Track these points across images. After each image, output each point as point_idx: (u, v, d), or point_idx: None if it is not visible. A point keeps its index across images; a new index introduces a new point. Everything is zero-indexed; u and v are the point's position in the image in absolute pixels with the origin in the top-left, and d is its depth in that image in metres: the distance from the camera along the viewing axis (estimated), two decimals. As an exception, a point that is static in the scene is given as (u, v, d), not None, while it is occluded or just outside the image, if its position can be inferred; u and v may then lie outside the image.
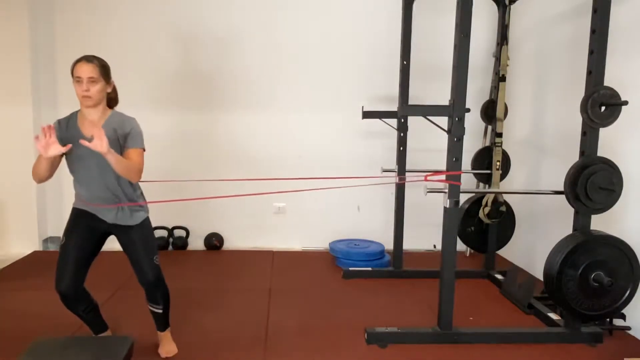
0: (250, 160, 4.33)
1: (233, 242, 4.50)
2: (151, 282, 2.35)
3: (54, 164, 2.16)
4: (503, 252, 4.09)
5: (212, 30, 4.27)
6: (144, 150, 2.28)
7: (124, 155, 2.19)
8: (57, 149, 2.04)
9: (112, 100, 2.35)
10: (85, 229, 2.30)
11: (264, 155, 4.36)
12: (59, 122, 2.31)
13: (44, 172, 2.14)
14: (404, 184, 3.67)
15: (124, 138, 2.22)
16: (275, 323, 2.87)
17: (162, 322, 2.50)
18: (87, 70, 2.18)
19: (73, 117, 2.32)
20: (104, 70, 2.24)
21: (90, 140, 1.98)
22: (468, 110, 2.54)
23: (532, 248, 3.86)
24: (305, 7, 4.27)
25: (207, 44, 4.28)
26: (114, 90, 2.35)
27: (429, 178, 2.61)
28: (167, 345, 2.49)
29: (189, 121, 4.35)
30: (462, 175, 2.59)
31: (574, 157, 2.59)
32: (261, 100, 4.35)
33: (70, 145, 2.06)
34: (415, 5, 3.53)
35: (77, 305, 2.35)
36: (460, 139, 2.53)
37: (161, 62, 4.29)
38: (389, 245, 3.92)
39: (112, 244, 4.77)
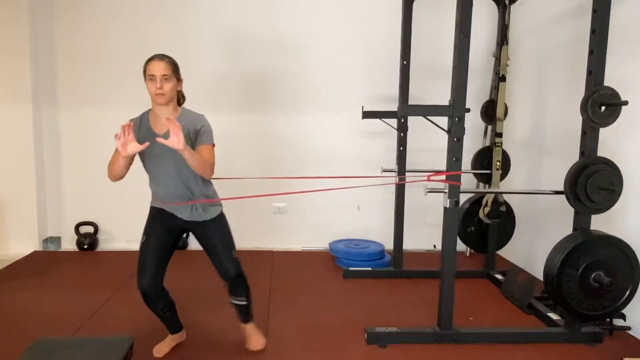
0: (250, 160, 4.33)
1: (233, 242, 4.50)
2: (233, 277, 2.37)
3: (129, 162, 2.18)
4: (503, 252, 4.09)
5: (210, 30, 4.27)
6: (214, 146, 2.31)
7: (195, 151, 2.21)
8: (135, 147, 2.05)
9: (180, 98, 2.37)
10: (163, 227, 2.36)
11: (265, 155, 4.36)
12: (131, 121, 2.30)
13: (121, 171, 2.18)
14: (404, 184, 3.67)
15: (195, 135, 2.24)
16: (275, 323, 2.87)
17: (246, 314, 2.51)
18: (161, 68, 2.20)
19: (145, 116, 2.34)
20: (175, 68, 2.27)
21: (166, 137, 2.01)
22: (468, 110, 2.54)
23: (532, 248, 3.86)
24: (304, 8, 4.27)
25: (207, 44, 4.28)
26: (182, 88, 2.38)
27: (431, 178, 2.61)
28: (256, 337, 2.52)
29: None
30: (462, 175, 2.59)
31: (574, 157, 2.59)
32: (262, 100, 4.35)
33: (148, 143, 2.07)
34: (415, 5, 3.53)
35: (157, 303, 2.40)
36: (460, 139, 2.53)
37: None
38: (389, 245, 3.92)
39: (112, 243, 4.78)
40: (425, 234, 4.42)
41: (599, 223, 2.67)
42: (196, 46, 4.30)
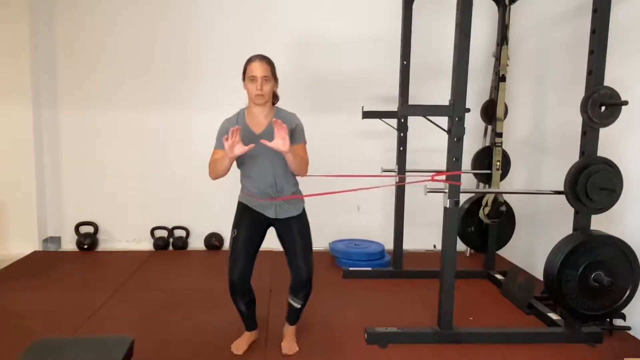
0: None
1: (233, 242, 4.50)
2: (304, 280, 2.42)
3: (232, 161, 2.23)
4: (503, 252, 4.09)
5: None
6: (306, 144, 2.38)
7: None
8: (241, 148, 2.11)
9: (275, 98, 2.41)
10: (251, 222, 2.42)
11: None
12: (228, 120, 2.36)
13: (225, 170, 2.24)
14: (402, 181, 3.67)
15: (290, 134, 2.26)
16: (275, 323, 2.87)
17: (295, 317, 2.57)
18: (262, 69, 2.24)
19: (240, 116, 2.37)
20: (274, 69, 2.31)
21: (263, 138, 2.09)
22: (468, 110, 2.54)
23: (532, 248, 3.86)
24: (304, 7, 4.27)
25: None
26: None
27: (435, 178, 2.61)
28: (290, 342, 2.56)
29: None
30: (462, 175, 2.59)
31: (574, 157, 2.59)
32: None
33: (253, 145, 2.14)
34: (415, 5, 3.53)
35: (243, 297, 2.45)
36: (460, 139, 2.53)
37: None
38: (389, 245, 3.92)
39: (112, 243, 4.77)
40: (425, 234, 4.42)
41: (599, 223, 2.67)
42: (196, 46, 4.30)
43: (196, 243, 4.47)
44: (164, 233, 4.43)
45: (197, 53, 4.30)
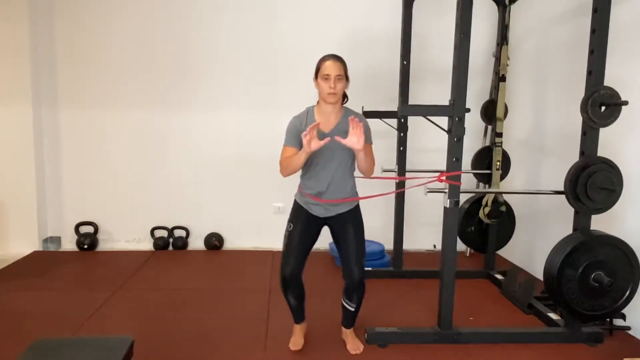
0: (250, 159, 4.33)
1: (233, 242, 4.50)
2: (355, 282, 2.42)
3: (307, 157, 2.22)
4: (503, 252, 4.09)
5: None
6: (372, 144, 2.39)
7: None
8: (317, 143, 2.12)
9: (344, 97, 2.44)
10: (306, 219, 2.43)
11: (265, 154, 4.36)
12: (297, 117, 2.37)
13: (299, 166, 2.25)
14: (403, 183, 3.67)
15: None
16: (275, 323, 2.87)
17: (351, 320, 2.58)
18: (336, 69, 2.27)
19: (310, 113, 2.38)
20: (346, 68, 2.34)
21: (332, 135, 2.12)
22: (468, 110, 2.54)
23: (532, 248, 3.86)
24: (304, 7, 4.27)
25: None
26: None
27: (440, 179, 2.60)
28: (355, 342, 2.57)
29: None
30: (462, 175, 2.59)
31: (574, 157, 2.59)
32: (261, 101, 4.35)
33: (329, 139, 2.14)
34: (415, 5, 3.53)
35: (293, 291, 2.46)
36: (460, 139, 2.53)
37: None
38: (389, 245, 3.92)
39: (112, 243, 4.76)
40: (425, 234, 4.42)
41: (599, 223, 2.67)
42: (197, 46, 4.30)
43: (196, 243, 4.47)
44: (164, 233, 4.43)
45: (198, 53, 4.30)
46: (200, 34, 4.27)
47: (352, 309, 2.52)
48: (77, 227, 4.35)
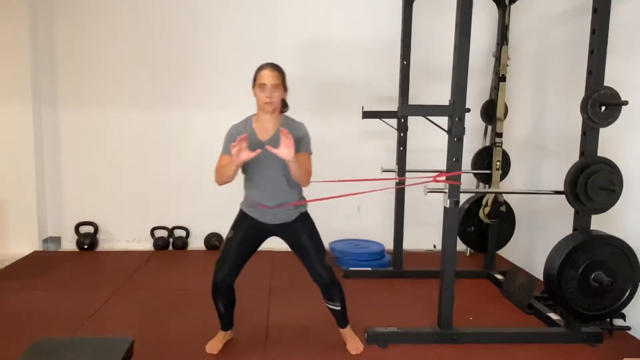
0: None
1: (233, 242, 4.50)
2: (327, 282, 2.43)
3: (239, 167, 2.22)
4: (503, 252, 4.09)
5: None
6: (311, 154, 2.39)
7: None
8: (246, 154, 2.11)
9: (284, 106, 2.42)
10: (249, 228, 2.40)
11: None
12: (236, 126, 2.37)
13: (231, 177, 2.23)
14: (403, 183, 3.67)
15: (297, 142, 2.26)
16: (275, 323, 2.87)
17: (342, 319, 2.57)
18: (273, 78, 2.26)
19: (248, 122, 2.38)
20: (284, 77, 2.33)
21: (270, 144, 2.10)
22: (468, 110, 2.54)
23: (532, 248, 3.86)
24: (304, 7, 4.26)
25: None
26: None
27: (437, 179, 2.61)
28: (353, 342, 2.57)
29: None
30: (462, 175, 2.59)
31: (574, 157, 2.59)
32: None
33: (259, 151, 2.13)
34: (415, 5, 3.53)
35: (223, 298, 2.45)
36: (460, 139, 2.53)
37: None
38: (389, 245, 3.92)
39: (112, 243, 4.76)
40: (425, 234, 4.42)
41: (599, 223, 2.67)
42: (197, 46, 4.30)
43: (196, 243, 4.47)
44: (164, 233, 4.43)
45: (198, 53, 4.29)
46: (200, 33, 4.27)
47: (338, 308, 2.52)
48: (77, 227, 4.35)
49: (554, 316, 2.85)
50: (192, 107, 4.34)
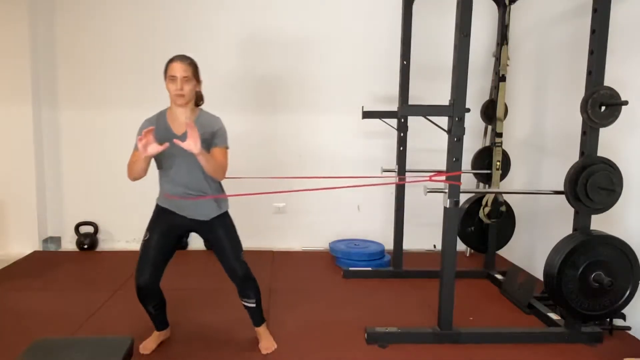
0: (249, 158, 4.33)
1: (233, 242, 4.50)
2: (241, 278, 2.41)
3: (149, 161, 2.20)
4: (503, 252, 4.09)
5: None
6: (228, 148, 2.35)
7: (209, 153, 2.23)
8: (154, 148, 2.08)
9: (199, 99, 2.39)
10: (166, 227, 2.37)
11: (264, 154, 4.36)
12: (148, 120, 2.35)
13: (141, 171, 2.19)
14: (404, 184, 3.67)
15: (211, 137, 2.27)
16: (275, 323, 2.87)
17: (257, 317, 2.55)
18: (182, 69, 2.22)
19: (162, 115, 2.36)
20: (196, 69, 2.30)
21: (182, 139, 2.04)
22: (468, 110, 2.54)
23: (532, 248, 3.86)
24: (304, 7, 4.27)
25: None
26: (200, 89, 2.39)
27: (433, 179, 2.61)
28: (266, 341, 2.55)
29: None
30: (462, 175, 2.59)
31: (574, 157, 2.59)
32: (260, 100, 4.35)
33: (167, 144, 2.10)
34: (415, 5, 3.53)
35: (150, 301, 2.42)
36: (460, 139, 2.53)
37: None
38: (389, 245, 3.92)
39: (112, 243, 4.76)
40: (425, 234, 4.42)
41: (599, 223, 2.67)
42: (197, 46, 4.30)
43: (196, 243, 4.47)
44: (164, 233, 4.43)
45: (197, 53, 4.28)
46: (200, 33, 4.27)
47: (253, 305, 2.50)
48: (77, 227, 4.35)
49: (554, 316, 2.85)
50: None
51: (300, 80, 4.34)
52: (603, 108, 2.46)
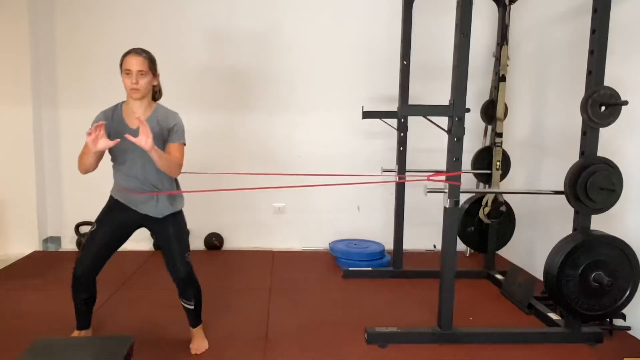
0: (249, 158, 4.33)
1: (233, 242, 4.50)
2: (182, 278, 2.40)
3: (100, 156, 2.19)
4: (503, 252, 4.09)
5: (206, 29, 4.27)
6: (185, 145, 2.32)
7: (165, 149, 2.22)
8: (104, 143, 2.07)
9: (156, 93, 2.38)
10: (116, 220, 2.37)
11: (263, 154, 4.36)
12: (104, 113, 2.33)
13: (91, 165, 2.20)
14: (404, 184, 3.67)
15: (168, 132, 2.25)
16: (275, 323, 2.87)
17: (194, 318, 2.53)
18: (137, 63, 2.20)
19: (118, 108, 2.34)
20: (152, 63, 2.28)
21: (135, 135, 2.01)
22: (468, 110, 2.54)
23: (532, 248, 3.86)
24: (304, 7, 4.26)
25: (199, 42, 4.28)
26: (159, 83, 2.38)
27: (431, 178, 2.61)
28: (198, 342, 2.53)
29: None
30: (462, 175, 2.59)
31: (574, 157, 2.59)
32: (260, 100, 4.35)
33: (118, 140, 2.09)
34: (415, 5, 3.53)
35: (83, 293, 2.38)
36: (460, 139, 2.53)
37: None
38: (389, 245, 3.91)
39: (112, 244, 4.69)
40: (425, 234, 4.41)
41: (599, 223, 2.67)
42: (196, 46, 4.30)
43: (196, 243, 4.47)
44: (164, 233, 4.43)
45: (197, 52, 4.29)
46: (199, 33, 4.27)
47: (192, 307, 2.47)
48: (77, 227, 4.34)
49: (554, 316, 2.85)
50: (192, 106, 4.32)
51: (300, 80, 4.34)
52: (603, 108, 2.46)
